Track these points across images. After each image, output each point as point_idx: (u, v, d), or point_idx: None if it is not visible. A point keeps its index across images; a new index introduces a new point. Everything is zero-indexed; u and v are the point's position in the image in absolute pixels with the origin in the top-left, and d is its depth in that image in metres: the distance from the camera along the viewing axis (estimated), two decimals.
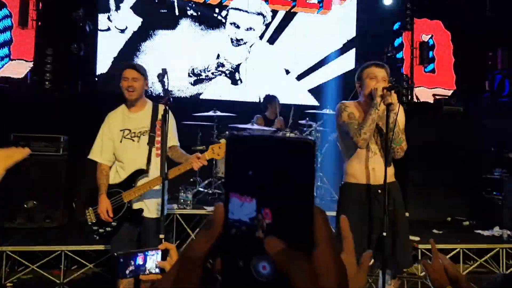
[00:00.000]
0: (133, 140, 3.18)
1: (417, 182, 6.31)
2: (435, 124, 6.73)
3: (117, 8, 6.55)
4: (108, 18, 6.52)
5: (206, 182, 5.68)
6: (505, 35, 7.37)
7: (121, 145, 3.18)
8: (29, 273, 4.32)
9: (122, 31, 6.57)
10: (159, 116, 3.08)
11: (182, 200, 4.89)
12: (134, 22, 6.61)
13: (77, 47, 6.07)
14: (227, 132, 5.66)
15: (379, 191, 2.83)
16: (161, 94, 3.12)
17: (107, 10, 6.52)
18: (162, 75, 3.03)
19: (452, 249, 5.06)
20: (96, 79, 6.52)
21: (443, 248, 5.03)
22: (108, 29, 6.52)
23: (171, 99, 3.01)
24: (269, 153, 0.45)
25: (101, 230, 3.14)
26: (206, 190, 5.58)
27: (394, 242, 2.79)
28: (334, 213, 4.94)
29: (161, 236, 2.84)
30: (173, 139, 3.28)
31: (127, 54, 6.58)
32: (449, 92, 7.52)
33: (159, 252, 1.51)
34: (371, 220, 2.84)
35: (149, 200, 3.15)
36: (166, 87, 3.12)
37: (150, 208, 3.17)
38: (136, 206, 3.15)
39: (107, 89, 6.38)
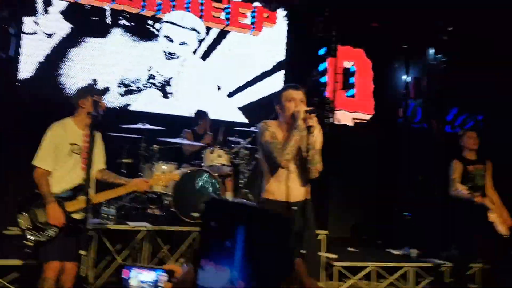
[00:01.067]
0: (80, 156, 3.31)
1: (336, 201, 6.67)
2: (354, 147, 7.19)
3: (45, 11, 6.30)
4: (35, 21, 6.24)
5: (131, 196, 5.58)
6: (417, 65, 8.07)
7: (68, 158, 3.27)
8: None
9: (49, 35, 6.32)
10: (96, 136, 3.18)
11: (104, 215, 4.76)
12: (63, 28, 6.39)
13: (2, 47, 5.76)
14: (155, 146, 5.63)
15: (295, 208, 2.96)
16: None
17: (34, 13, 6.25)
18: (97, 100, 3.20)
19: (365, 267, 5.37)
20: (19, 84, 6.19)
21: (357, 265, 5.34)
22: (35, 33, 6.24)
23: (100, 116, 3.17)
24: (248, 224, 0.48)
25: (34, 238, 3.12)
26: (130, 205, 5.49)
27: (304, 257, 2.85)
28: None
29: (82, 252, 2.91)
30: (103, 161, 3.51)
31: (54, 60, 6.33)
32: (368, 117, 8.05)
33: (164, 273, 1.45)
34: None
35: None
36: (95, 101, 3.20)
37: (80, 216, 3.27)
38: (77, 216, 3.22)
39: (32, 95, 6.10)
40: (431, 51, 7.99)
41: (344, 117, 7.83)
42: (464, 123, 8.50)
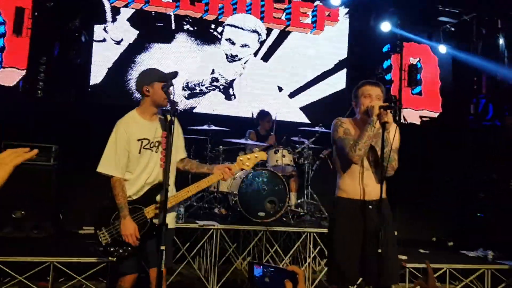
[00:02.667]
0: (152, 151, 2.96)
1: (405, 201, 6.41)
2: (423, 145, 6.90)
3: (114, 20, 6.59)
4: (104, 29, 6.55)
5: (198, 196, 5.68)
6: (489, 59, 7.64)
7: (139, 156, 2.93)
8: (15, 284, 4.23)
9: (118, 42, 6.60)
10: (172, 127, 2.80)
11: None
12: (130, 34, 6.65)
13: (75, 54, 6.08)
14: (220, 147, 5.70)
15: (370, 206, 2.88)
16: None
17: (104, 21, 6.55)
18: (167, 86, 2.82)
19: (438, 269, 5.13)
20: (90, 89, 6.51)
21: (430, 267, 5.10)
22: (104, 40, 6.54)
23: (177, 109, 2.82)
24: None
25: (121, 251, 2.89)
26: (198, 204, 5.58)
27: (383, 258, 2.76)
28: (322, 230, 5.07)
29: (162, 247, 2.65)
30: (183, 149, 3.16)
31: (122, 66, 6.61)
32: (435, 114, 7.72)
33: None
34: (362, 235, 2.87)
35: (170, 213, 2.91)
36: (171, 97, 2.86)
37: (169, 219, 2.90)
38: (157, 220, 2.90)
39: (101, 100, 6.39)
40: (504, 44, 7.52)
41: (411, 115, 7.55)
42: None
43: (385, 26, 7.30)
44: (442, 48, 7.54)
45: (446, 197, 7.08)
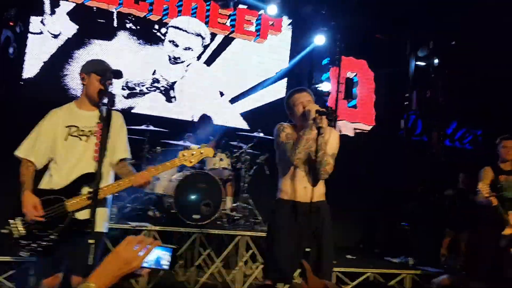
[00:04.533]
0: (81, 139, 2.78)
1: (335, 209, 6.67)
2: (354, 157, 7.22)
3: (52, 12, 6.35)
4: (42, 21, 6.30)
5: (132, 197, 5.60)
6: (420, 78, 8.15)
7: (65, 144, 2.75)
8: None
9: (56, 36, 6.37)
10: (113, 120, 2.67)
11: None
12: (69, 29, 6.44)
13: (8, 45, 5.80)
14: (158, 148, 5.66)
15: (308, 207, 2.97)
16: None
17: (41, 13, 6.30)
18: (104, 79, 2.63)
19: (363, 273, 5.39)
20: (22, 83, 6.22)
21: (355, 272, 5.36)
22: (41, 32, 6.29)
23: (114, 100, 2.51)
24: None
25: (34, 245, 2.59)
26: (132, 206, 5.49)
27: (319, 257, 2.93)
28: (256, 233, 5.17)
29: (91, 241, 2.27)
30: (125, 150, 2.93)
31: (59, 60, 6.37)
32: (369, 127, 8.10)
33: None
34: (300, 235, 2.98)
35: (98, 211, 2.50)
36: (109, 89, 2.62)
37: (97, 220, 2.50)
38: (81, 216, 2.63)
39: (33, 95, 6.12)
40: (435, 62, 8.05)
41: (345, 127, 7.87)
42: (463, 137, 8.57)
43: (320, 40, 7.59)
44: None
45: (374, 206, 7.47)
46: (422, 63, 8.10)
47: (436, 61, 7.95)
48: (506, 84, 7.52)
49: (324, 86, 7.66)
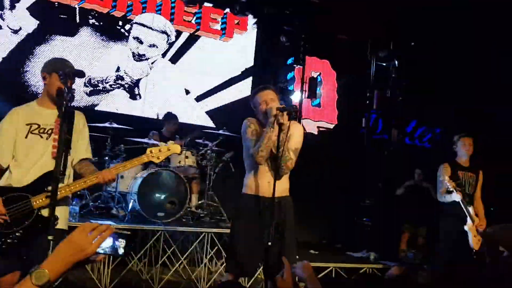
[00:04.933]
0: (41, 137, 2.76)
1: (299, 206, 6.80)
2: (317, 154, 7.40)
3: (12, 7, 6.18)
4: (1, 16, 6.12)
5: (94, 195, 5.54)
6: (381, 78, 8.41)
7: (25, 141, 2.74)
8: None
9: (15, 31, 6.20)
10: (75, 121, 2.74)
11: None
12: (30, 24, 6.28)
13: None
14: (122, 145, 5.61)
15: (272, 202, 3.01)
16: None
17: (1, 8, 6.12)
18: (64, 77, 2.60)
19: (326, 267, 5.53)
20: None
21: (318, 266, 5.49)
22: (0, 28, 6.12)
23: (74, 96, 2.58)
24: None
25: None
26: (94, 204, 5.44)
27: (281, 252, 2.96)
28: (221, 230, 5.23)
29: (49, 237, 2.37)
30: (87, 150, 2.93)
31: (19, 56, 6.21)
32: (332, 126, 8.29)
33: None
34: (263, 229, 3.02)
35: (59, 207, 2.57)
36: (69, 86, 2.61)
37: (60, 217, 2.65)
38: (46, 213, 2.58)
39: None
40: (395, 63, 8.31)
41: (309, 125, 8.02)
42: (423, 135, 8.89)
43: (284, 39, 7.70)
44: None
45: (336, 202, 7.67)
46: (383, 63, 8.34)
47: (396, 61, 8.21)
48: (463, 83, 7.87)
49: (289, 85, 7.78)
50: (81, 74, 2.76)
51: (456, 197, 4.44)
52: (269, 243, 2.86)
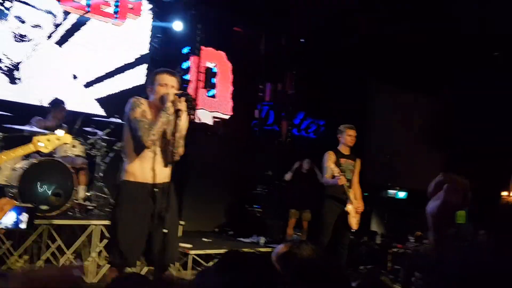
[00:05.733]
0: None
1: (190, 195, 6.90)
2: (212, 144, 7.55)
3: None
4: None
5: None
6: (274, 71, 8.78)
7: None
8: None
9: None
10: None
11: None
12: None
13: None
14: (0, 134, 5.17)
15: (156, 189, 3.00)
16: None
17: None
18: None
19: (218, 254, 5.71)
20: None
21: (211, 253, 5.66)
22: None
23: None
24: None
25: None
26: None
27: (164, 238, 2.92)
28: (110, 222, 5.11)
29: None
30: None
31: None
32: (227, 117, 8.47)
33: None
34: (147, 217, 2.98)
35: None
36: None
37: None
38: None
39: None
40: (286, 59, 8.72)
41: (204, 115, 8.11)
42: (309, 127, 9.49)
43: (177, 26, 7.65)
44: None
45: (227, 190, 7.92)
46: (274, 58, 8.71)
47: (286, 56, 8.63)
48: (345, 79, 8.54)
49: (184, 75, 7.76)
50: None
51: (340, 181, 4.91)
52: (165, 230, 2.87)
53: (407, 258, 6.19)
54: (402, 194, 8.93)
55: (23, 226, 1.38)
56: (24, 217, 1.40)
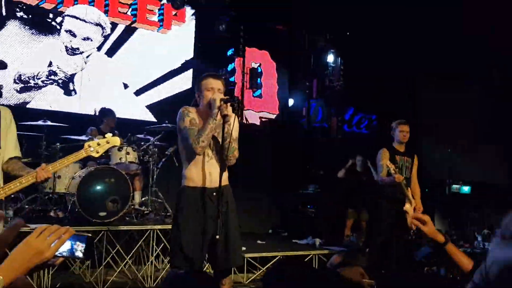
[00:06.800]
0: None
1: (244, 197, 6.86)
2: (263, 144, 7.49)
3: None
4: None
5: (30, 198, 5.27)
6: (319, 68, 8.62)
7: None
8: None
9: None
10: (1, 116, 2.52)
11: None
12: None
13: None
14: (57, 144, 5.37)
15: (214, 193, 3.01)
16: None
17: None
18: None
19: (274, 257, 5.62)
20: None
21: (266, 256, 5.58)
22: None
23: (1, 92, 2.53)
24: None
25: None
26: (30, 207, 5.17)
27: (226, 242, 2.96)
28: (166, 226, 5.15)
29: None
30: (15, 148, 2.76)
31: None
32: (273, 116, 8.40)
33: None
34: (206, 221, 2.99)
35: None
36: None
37: None
38: None
39: None
40: (332, 54, 8.53)
41: (251, 116, 8.08)
42: (360, 122, 9.23)
43: (220, 28, 7.66)
44: None
45: (278, 191, 7.80)
46: (320, 53, 8.55)
47: (332, 51, 8.43)
48: (397, 72, 8.22)
49: (230, 77, 7.77)
50: (1, 64, 2.59)
51: (396, 179, 4.66)
52: (217, 236, 2.86)
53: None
54: (466, 189, 8.46)
55: (79, 254, 1.32)
56: (81, 245, 1.34)
